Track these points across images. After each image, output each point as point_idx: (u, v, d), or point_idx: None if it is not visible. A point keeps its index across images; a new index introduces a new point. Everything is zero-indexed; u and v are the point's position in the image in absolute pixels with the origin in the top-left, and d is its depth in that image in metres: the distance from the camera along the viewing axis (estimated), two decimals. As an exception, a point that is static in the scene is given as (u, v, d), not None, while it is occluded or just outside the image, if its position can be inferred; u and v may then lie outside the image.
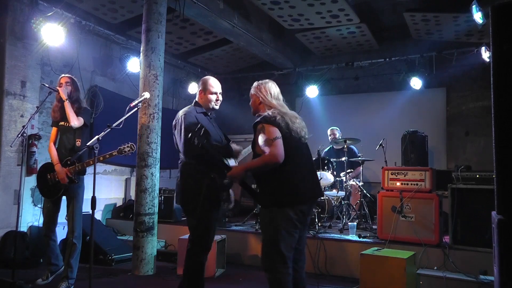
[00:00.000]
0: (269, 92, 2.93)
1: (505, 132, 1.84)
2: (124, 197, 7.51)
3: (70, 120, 3.93)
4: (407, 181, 4.78)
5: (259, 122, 2.78)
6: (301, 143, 2.86)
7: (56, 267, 4.20)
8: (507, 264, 1.79)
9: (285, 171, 2.72)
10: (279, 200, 2.72)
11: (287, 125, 2.75)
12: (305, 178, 2.82)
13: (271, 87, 2.96)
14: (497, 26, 1.90)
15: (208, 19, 6.40)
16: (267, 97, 2.91)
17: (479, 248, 4.19)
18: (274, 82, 3.02)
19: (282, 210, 2.70)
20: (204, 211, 3.13)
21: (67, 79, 4.14)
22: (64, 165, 3.94)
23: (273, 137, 2.66)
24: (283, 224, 2.69)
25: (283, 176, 2.73)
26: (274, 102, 2.90)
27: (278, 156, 2.64)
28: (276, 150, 2.64)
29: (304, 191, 2.79)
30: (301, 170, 2.81)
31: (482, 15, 5.17)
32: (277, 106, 2.87)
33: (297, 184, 2.76)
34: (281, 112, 2.82)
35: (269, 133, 2.69)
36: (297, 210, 2.73)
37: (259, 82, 3.01)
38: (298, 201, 2.75)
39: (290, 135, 2.75)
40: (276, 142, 2.65)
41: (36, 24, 5.26)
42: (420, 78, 7.34)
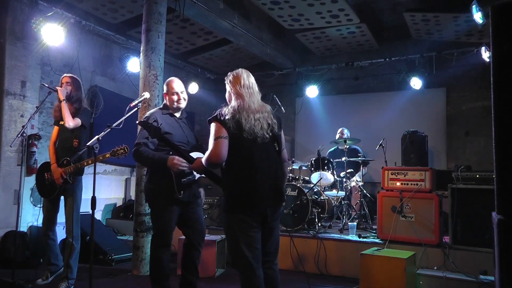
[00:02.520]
0: (239, 82, 2.74)
1: (505, 132, 1.84)
2: (124, 197, 7.51)
3: (65, 121, 3.92)
4: (407, 181, 4.78)
5: (210, 119, 2.68)
6: (256, 143, 2.61)
7: (56, 267, 4.19)
8: (507, 264, 1.79)
9: (235, 174, 2.62)
10: (230, 206, 2.63)
11: (239, 125, 2.58)
12: (255, 185, 2.59)
13: (242, 75, 2.77)
14: (497, 26, 1.90)
15: (208, 19, 6.41)
16: (236, 87, 2.72)
17: (479, 248, 4.19)
18: (247, 71, 2.83)
19: (234, 215, 2.62)
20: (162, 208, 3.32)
21: (68, 79, 4.13)
22: (61, 165, 3.94)
23: (216, 136, 2.57)
24: (238, 227, 2.60)
25: (233, 180, 2.63)
26: (243, 91, 2.71)
27: (218, 155, 2.53)
28: (216, 149, 2.54)
29: (251, 201, 2.59)
30: (254, 173, 2.59)
31: (482, 15, 5.17)
32: (245, 97, 2.68)
33: (244, 191, 2.60)
34: (240, 107, 2.63)
35: (215, 131, 2.60)
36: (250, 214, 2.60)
37: (231, 72, 2.85)
38: (248, 207, 2.60)
39: (240, 135, 2.57)
40: (218, 141, 2.55)
41: (36, 24, 5.26)
42: (420, 78, 7.34)
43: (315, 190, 5.82)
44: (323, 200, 5.84)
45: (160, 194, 3.34)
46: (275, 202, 2.71)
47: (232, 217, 2.63)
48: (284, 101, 6.93)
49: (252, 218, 2.60)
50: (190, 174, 3.38)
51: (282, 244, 5.14)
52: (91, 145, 3.13)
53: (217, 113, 2.67)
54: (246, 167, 2.61)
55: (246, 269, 2.61)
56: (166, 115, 3.44)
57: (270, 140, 2.68)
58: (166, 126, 3.33)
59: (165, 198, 3.31)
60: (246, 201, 2.60)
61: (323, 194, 5.92)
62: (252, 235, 2.62)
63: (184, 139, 3.41)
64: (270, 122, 2.69)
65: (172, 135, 3.30)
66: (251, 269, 2.59)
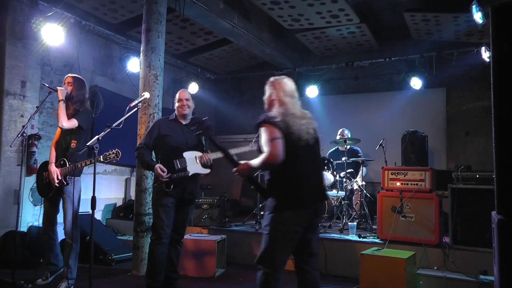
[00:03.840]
0: (283, 89, 2.87)
1: (505, 132, 1.84)
2: (124, 197, 7.51)
3: (59, 121, 3.91)
4: (407, 181, 4.78)
5: (260, 122, 2.76)
6: (303, 146, 2.76)
7: (55, 267, 4.19)
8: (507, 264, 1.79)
9: (288, 175, 2.70)
10: (279, 204, 2.70)
11: (288, 127, 2.70)
12: (306, 182, 2.74)
13: (286, 83, 2.90)
14: (497, 26, 1.90)
15: (208, 19, 6.40)
16: (279, 94, 2.85)
17: (479, 248, 4.19)
18: (290, 79, 2.96)
19: (281, 214, 2.69)
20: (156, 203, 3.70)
21: (70, 79, 4.12)
22: (58, 165, 3.94)
23: (272, 137, 2.65)
24: (281, 228, 2.68)
25: (283, 180, 2.71)
26: (287, 99, 2.84)
27: (277, 155, 2.61)
28: (275, 150, 2.62)
29: (304, 196, 2.73)
30: (302, 173, 2.74)
31: (482, 15, 5.17)
32: (288, 104, 2.81)
33: (297, 188, 2.71)
34: (286, 113, 2.76)
35: (269, 133, 2.67)
36: (298, 214, 2.70)
37: (275, 77, 2.97)
38: (298, 205, 2.71)
39: (290, 137, 2.70)
40: (275, 142, 2.63)
41: (36, 24, 5.26)
42: (420, 78, 7.34)
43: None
44: (323, 200, 5.83)
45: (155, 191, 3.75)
46: (321, 199, 2.87)
47: (281, 215, 2.69)
48: (284, 101, 6.92)
49: (301, 218, 2.70)
50: (182, 170, 3.65)
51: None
52: (91, 145, 3.14)
53: (264, 117, 2.76)
54: (297, 169, 2.72)
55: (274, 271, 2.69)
56: (170, 120, 3.88)
57: (313, 144, 2.85)
58: (166, 129, 3.77)
59: (159, 194, 3.69)
60: (298, 199, 2.70)
61: (323, 194, 5.91)
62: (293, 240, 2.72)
63: (183, 141, 3.75)
64: (313, 128, 2.87)
65: (169, 137, 3.73)
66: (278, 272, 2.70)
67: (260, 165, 2.71)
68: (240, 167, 2.83)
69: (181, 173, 3.64)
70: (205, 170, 3.77)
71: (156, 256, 3.61)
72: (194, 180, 3.79)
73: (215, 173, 3.99)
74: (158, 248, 3.62)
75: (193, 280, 4.53)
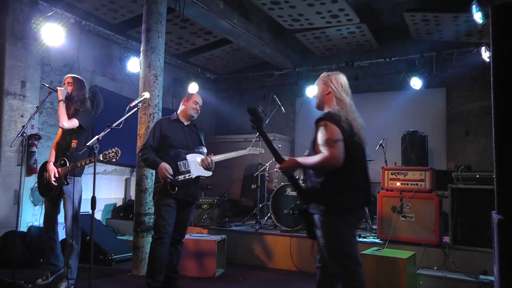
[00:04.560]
0: (341, 84, 2.71)
1: (505, 132, 1.84)
2: (124, 197, 7.51)
3: (60, 120, 3.91)
4: (407, 181, 4.77)
5: (322, 118, 2.59)
6: (360, 148, 2.68)
7: (56, 267, 4.19)
8: (507, 264, 1.79)
9: (346, 177, 2.57)
10: (340, 208, 2.58)
11: (351, 128, 2.57)
12: (362, 185, 2.68)
13: (343, 78, 2.76)
14: (497, 26, 1.90)
15: (208, 19, 6.41)
16: (338, 89, 2.69)
17: (479, 248, 4.19)
18: (344, 75, 2.81)
19: (344, 218, 2.59)
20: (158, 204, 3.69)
21: (70, 79, 4.12)
22: (59, 165, 3.94)
23: (335, 138, 2.49)
24: (346, 230, 2.60)
25: (344, 183, 2.59)
26: (344, 96, 2.69)
27: (339, 159, 2.47)
28: (337, 153, 2.47)
29: (360, 198, 2.68)
30: (360, 176, 2.68)
31: (482, 15, 5.17)
32: (347, 101, 2.68)
33: (356, 191, 2.64)
34: (348, 111, 2.63)
35: (332, 133, 2.51)
36: (356, 215, 2.68)
37: (329, 72, 2.82)
38: (357, 207, 2.67)
39: (353, 138, 2.57)
40: (337, 144, 2.48)
41: (36, 24, 5.26)
42: (420, 78, 7.34)
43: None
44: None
45: (158, 190, 3.72)
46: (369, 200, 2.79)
47: (341, 218, 2.58)
48: (284, 101, 6.94)
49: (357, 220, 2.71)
50: (186, 172, 3.61)
51: (282, 244, 5.18)
52: (91, 145, 3.14)
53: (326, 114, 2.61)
54: (356, 171, 2.63)
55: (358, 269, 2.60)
56: (173, 121, 3.87)
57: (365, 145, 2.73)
58: (167, 130, 3.76)
59: (162, 194, 3.66)
60: (355, 202, 2.64)
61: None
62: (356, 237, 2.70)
63: (184, 142, 3.79)
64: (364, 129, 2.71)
65: (171, 138, 3.72)
66: (361, 271, 2.61)
67: (315, 165, 2.55)
68: (285, 164, 2.67)
69: (185, 176, 3.65)
70: (208, 172, 3.79)
71: (157, 256, 3.61)
72: (196, 182, 3.80)
73: (215, 173, 4.00)
74: (159, 248, 3.61)
75: (193, 280, 4.53)
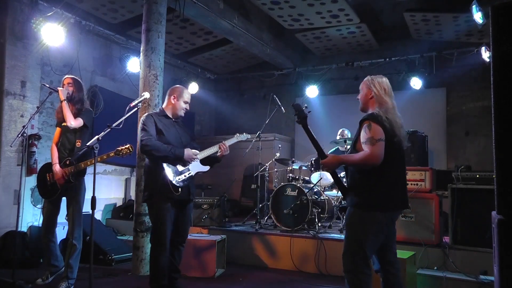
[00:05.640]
0: (383, 88, 2.83)
1: (505, 132, 1.84)
2: (124, 197, 7.51)
3: (67, 120, 3.92)
4: (407, 181, 4.76)
5: (366, 118, 2.72)
6: (400, 149, 2.78)
7: (56, 268, 4.19)
8: (507, 264, 1.79)
9: (383, 175, 2.67)
10: (372, 204, 2.68)
11: (393, 130, 2.69)
12: (399, 186, 2.78)
13: (385, 82, 2.87)
14: (497, 26, 1.90)
15: (208, 19, 6.41)
16: (380, 92, 2.80)
17: (479, 248, 4.18)
18: (387, 78, 2.92)
19: (374, 214, 2.67)
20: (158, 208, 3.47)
21: (69, 80, 4.13)
22: (63, 165, 3.94)
23: (377, 137, 2.61)
24: (372, 227, 2.66)
25: (380, 180, 2.68)
26: (387, 99, 2.80)
27: (379, 157, 2.58)
28: (377, 151, 2.58)
29: (396, 199, 2.76)
30: (397, 176, 2.77)
31: (482, 15, 5.17)
32: (389, 105, 2.79)
33: (391, 190, 2.72)
34: (389, 113, 2.73)
35: (375, 132, 2.62)
36: (387, 215, 2.72)
37: (372, 76, 2.92)
38: (390, 207, 2.73)
39: (393, 140, 2.68)
40: (379, 143, 2.60)
41: (36, 24, 5.26)
42: (420, 78, 7.34)
43: (315, 190, 5.82)
44: (323, 200, 5.84)
45: (157, 194, 3.48)
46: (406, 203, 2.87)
47: (370, 214, 2.68)
48: (284, 101, 6.92)
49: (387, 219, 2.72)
50: (186, 171, 3.56)
51: (282, 244, 5.18)
52: (91, 145, 3.14)
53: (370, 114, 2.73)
54: (394, 171, 2.73)
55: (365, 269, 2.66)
56: (161, 117, 3.68)
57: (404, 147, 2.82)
58: (160, 125, 3.57)
59: (161, 197, 3.46)
60: (389, 201, 2.70)
61: (323, 194, 5.92)
62: (380, 239, 2.72)
63: (177, 139, 3.64)
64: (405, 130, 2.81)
65: (164, 134, 3.54)
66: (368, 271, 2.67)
67: (356, 162, 2.67)
68: (328, 160, 2.78)
69: (186, 175, 3.57)
70: (205, 168, 3.73)
71: (161, 263, 3.50)
72: (193, 179, 3.73)
73: (215, 173, 3.98)
74: (162, 255, 3.50)
75: (193, 280, 4.53)
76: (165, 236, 3.49)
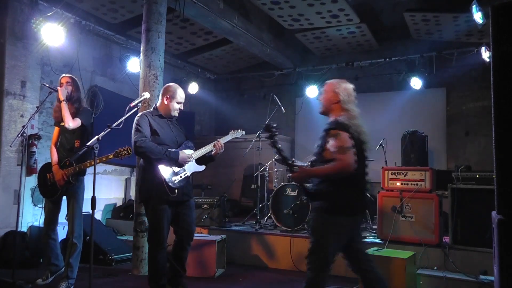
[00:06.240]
0: (349, 94, 2.82)
1: (505, 132, 1.84)
2: (124, 197, 7.51)
3: (65, 121, 3.91)
4: (407, 181, 4.77)
5: (333, 127, 2.70)
6: (364, 156, 2.81)
7: (56, 267, 4.19)
8: (507, 264, 1.79)
9: (349, 181, 2.68)
10: (338, 209, 2.69)
11: (359, 136, 2.72)
12: (362, 191, 2.84)
13: (351, 88, 2.86)
14: (497, 26, 1.90)
15: (208, 19, 6.41)
16: (346, 99, 2.79)
17: (479, 248, 4.19)
18: (351, 84, 2.91)
19: (338, 218, 2.69)
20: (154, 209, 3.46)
21: (67, 79, 4.12)
22: (63, 166, 3.93)
23: (347, 146, 2.61)
24: (335, 231, 2.68)
25: (347, 186, 2.69)
26: (351, 105, 2.80)
27: (352, 165, 2.58)
28: (350, 159, 2.58)
29: (360, 203, 2.83)
30: (361, 182, 2.81)
31: (482, 15, 5.17)
32: (353, 111, 2.79)
33: (356, 196, 2.77)
34: (354, 120, 2.74)
35: (344, 141, 2.62)
36: (352, 219, 2.76)
37: (338, 80, 2.89)
38: (355, 212, 2.77)
39: (360, 147, 2.71)
40: (350, 151, 2.60)
41: (36, 24, 5.26)
42: (420, 78, 7.34)
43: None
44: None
45: (152, 195, 3.47)
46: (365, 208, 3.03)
47: (334, 218, 2.69)
48: (284, 101, 6.93)
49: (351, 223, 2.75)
50: (181, 171, 3.54)
51: (282, 244, 5.18)
52: (91, 145, 3.14)
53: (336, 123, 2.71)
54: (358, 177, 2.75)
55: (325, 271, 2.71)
56: (155, 116, 3.62)
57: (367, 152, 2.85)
58: (155, 125, 3.54)
59: (157, 198, 3.45)
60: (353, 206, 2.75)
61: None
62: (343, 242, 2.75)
63: (173, 139, 3.62)
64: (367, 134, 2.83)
65: (159, 134, 3.51)
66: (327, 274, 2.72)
67: (330, 173, 2.64)
68: (298, 174, 2.77)
69: (181, 176, 3.55)
70: (201, 167, 3.71)
71: (159, 263, 3.51)
72: (189, 179, 3.69)
73: (215, 173, 3.97)
74: (160, 254, 3.51)
75: (193, 280, 4.52)
76: (162, 236, 3.49)
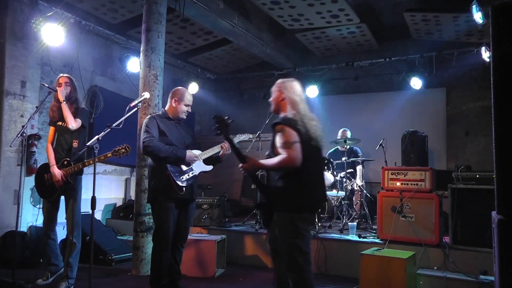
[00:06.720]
0: (294, 91, 2.89)
1: (505, 132, 1.84)
2: (124, 197, 7.51)
3: (68, 122, 3.91)
4: (407, 181, 4.77)
5: (279, 123, 2.76)
6: (317, 149, 2.83)
7: (56, 267, 4.19)
8: (507, 264, 1.79)
9: (305, 177, 2.72)
10: (298, 205, 2.73)
11: (307, 130, 2.74)
12: (319, 184, 2.89)
13: (296, 85, 2.93)
14: (497, 26, 1.90)
15: (208, 19, 6.41)
16: (291, 95, 2.86)
17: (479, 248, 4.19)
18: (298, 82, 2.99)
19: (301, 215, 2.74)
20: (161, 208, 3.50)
21: (66, 79, 4.10)
22: (61, 166, 3.93)
23: (292, 140, 2.65)
24: (302, 226, 2.73)
25: (303, 182, 2.73)
26: (299, 101, 2.86)
27: (296, 160, 2.62)
28: (294, 153, 2.62)
29: (318, 197, 2.87)
30: (316, 175, 2.85)
31: (482, 15, 5.17)
32: (300, 106, 2.84)
33: (313, 189, 2.79)
34: (302, 115, 2.79)
35: (289, 135, 2.67)
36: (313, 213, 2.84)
37: (284, 79, 2.98)
38: (315, 206, 2.84)
39: (309, 140, 2.74)
40: (295, 145, 2.64)
41: (36, 24, 5.26)
42: (420, 78, 7.34)
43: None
44: (323, 200, 5.83)
45: (160, 194, 3.50)
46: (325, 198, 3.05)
47: (298, 215, 2.73)
48: (284, 101, 6.92)
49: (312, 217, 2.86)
50: (189, 171, 3.56)
51: (282, 244, 5.17)
52: (91, 145, 3.14)
53: (282, 119, 2.78)
54: (313, 172, 2.79)
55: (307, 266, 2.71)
56: (164, 118, 3.69)
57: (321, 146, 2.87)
58: (163, 127, 3.60)
59: (165, 196, 3.48)
60: (311, 201, 2.79)
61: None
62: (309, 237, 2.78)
63: (181, 140, 3.66)
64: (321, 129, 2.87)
65: (167, 135, 3.57)
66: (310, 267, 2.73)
67: (276, 166, 2.70)
68: (247, 165, 2.81)
69: (189, 174, 3.59)
70: (208, 167, 3.74)
71: (163, 263, 3.52)
72: (196, 179, 3.74)
73: (215, 173, 3.98)
74: (164, 254, 3.52)
75: (193, 280, 4.53)
76: (168, 236, 3.51)
